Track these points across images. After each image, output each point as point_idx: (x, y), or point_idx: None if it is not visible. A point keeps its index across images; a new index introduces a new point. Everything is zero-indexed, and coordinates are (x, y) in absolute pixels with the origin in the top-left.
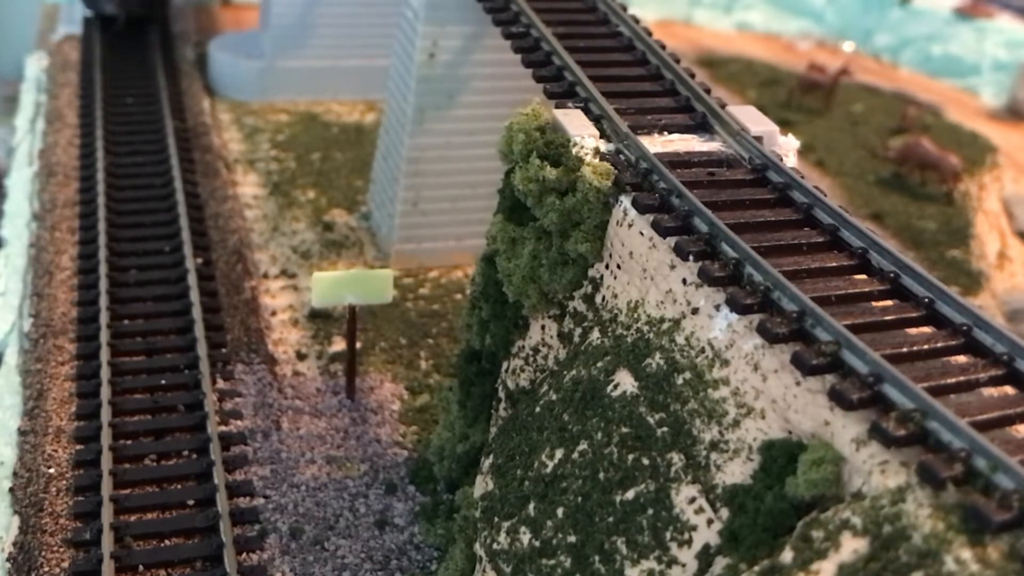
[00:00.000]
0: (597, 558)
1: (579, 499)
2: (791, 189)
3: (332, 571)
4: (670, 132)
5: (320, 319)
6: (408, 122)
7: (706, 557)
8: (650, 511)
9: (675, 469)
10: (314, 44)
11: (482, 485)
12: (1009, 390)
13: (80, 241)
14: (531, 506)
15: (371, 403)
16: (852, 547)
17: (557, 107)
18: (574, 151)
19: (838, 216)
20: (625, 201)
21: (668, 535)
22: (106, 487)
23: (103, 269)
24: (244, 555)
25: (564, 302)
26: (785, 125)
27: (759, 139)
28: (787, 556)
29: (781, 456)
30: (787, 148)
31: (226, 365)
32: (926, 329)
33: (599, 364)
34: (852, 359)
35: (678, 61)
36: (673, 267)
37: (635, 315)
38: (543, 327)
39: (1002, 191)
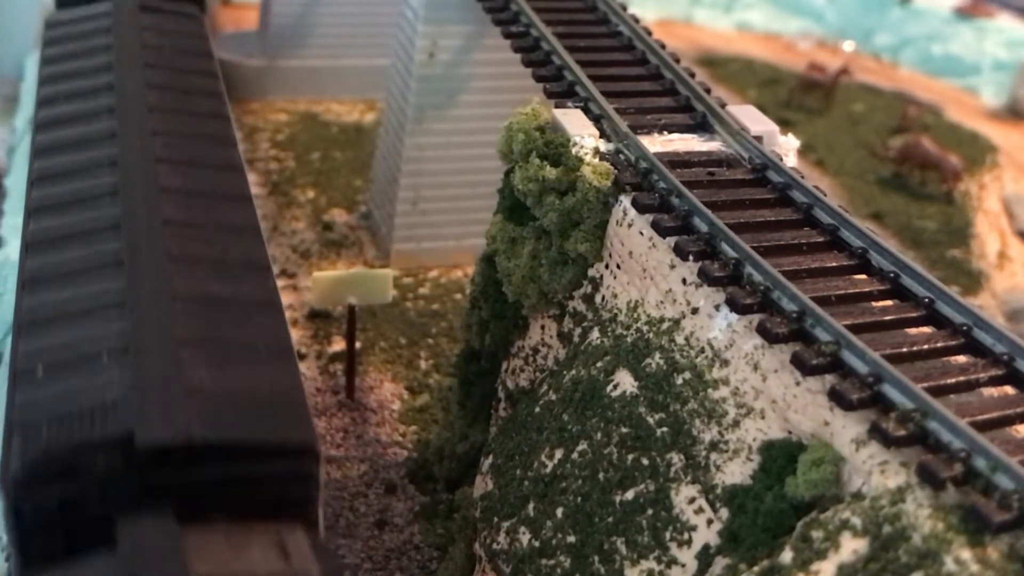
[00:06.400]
0: (597, 558)
1: (578, 499)
2: (791, 189)
3: None
4: (670, 132)
5: (319, 319)
6: (408, 122)
7: (706, 557)
8: (650, 511)
9: (675, 469)
10: (313, 44)
11: (482, 485)
12: (1009, 390)
13: None
14: (530, 506)
15: (371, 403)
16: (852, 547)
17: (557, 107)
18: (574, 151)
19: (838, 216)
20: (625, 201)
21: (668, 535)
22: None
23: None
24: None
25: (564, 302)
26: (785, 125)
27: (759, 139)
28: (787, 556)
29: (781, 456)
30: (787, 148)
31: None
32: (926, 329)
33: (599, 364)
34: (852, 359)
35: (678, 61)
36: (673, 267)
37: (635, 315)
38: (543, 327)
39: (1002, 191)
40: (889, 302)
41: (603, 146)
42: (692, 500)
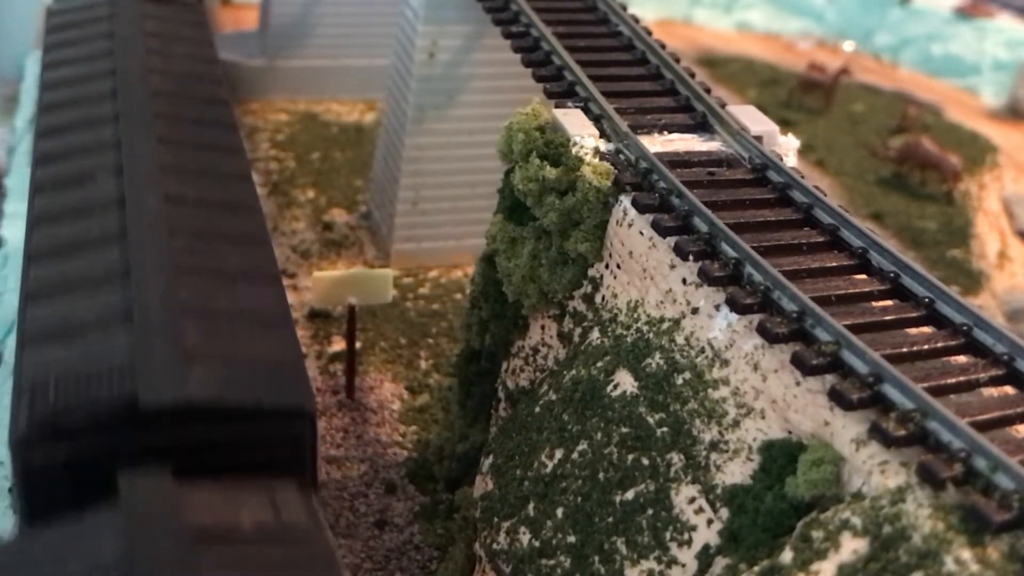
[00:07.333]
0: (597, 558)
1: (579, 499)
2: (791, 189)
3: None
4: (670, 132)
5: (320, 319)
6: (408, 122)
7: (706, 557)
8: (650, 511)
9: (675, 469)
10: (313, 44)
11: (482, 485)
12: (1009, 390)
13: None
14: (531, 506)
15: (371, 403)
16: (852, 547)
17: (557, 107)
18: (574, 151)
19: (838, 216)
20: (625, 201)
21: (668, 535)
22: None
23: None
24: None
25: (564, 302)
26: (785, 125)
27: (759, 139)
28: (787, 556)
29: (781, 456)
30: (787, 148)
31: None
32: (926, 329)
33: (599, 364)
34: (852, 359)
35: (678, 61)
36: (673, 267)
37: (635, 315)
38: (543, 327)
39: (1002, 191)
40: (889, 302)
41: (603, 146)
42: (692, 500)
